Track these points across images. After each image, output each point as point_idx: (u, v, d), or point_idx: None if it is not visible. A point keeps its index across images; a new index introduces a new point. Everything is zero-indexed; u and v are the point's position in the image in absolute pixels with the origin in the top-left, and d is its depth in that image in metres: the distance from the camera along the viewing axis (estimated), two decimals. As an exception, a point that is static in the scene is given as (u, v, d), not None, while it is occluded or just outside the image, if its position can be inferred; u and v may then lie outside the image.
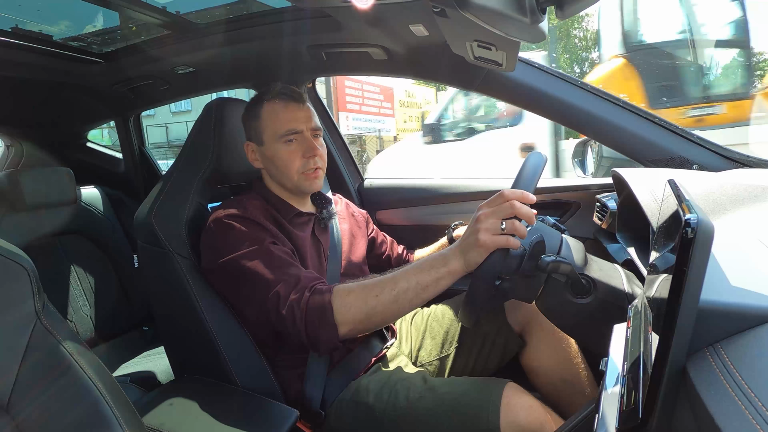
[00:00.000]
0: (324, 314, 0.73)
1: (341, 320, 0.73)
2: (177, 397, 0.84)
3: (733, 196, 0.72)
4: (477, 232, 0.67)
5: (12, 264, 0.53)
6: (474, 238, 0.67)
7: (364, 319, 0.73)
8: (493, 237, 0.66)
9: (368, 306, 0.72)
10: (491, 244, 0.66)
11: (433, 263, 0.72)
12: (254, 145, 0.94)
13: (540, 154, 0.79)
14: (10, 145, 1.67)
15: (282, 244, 0.85)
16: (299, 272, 0.79)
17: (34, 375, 0.51)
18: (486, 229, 0.67)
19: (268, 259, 0.80)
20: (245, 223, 0.84)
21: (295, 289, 0.76)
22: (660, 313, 0.38)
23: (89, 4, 0.98)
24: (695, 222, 0.33)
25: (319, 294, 0.74)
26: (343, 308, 0.73)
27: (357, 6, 0.75)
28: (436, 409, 0.80)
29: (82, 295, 1.43)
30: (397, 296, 0.72)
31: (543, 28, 0.60)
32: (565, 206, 1.29)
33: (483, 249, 0.67)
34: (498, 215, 0.67)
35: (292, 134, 0.90)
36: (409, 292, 0.71)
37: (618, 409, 0.43)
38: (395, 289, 0.72)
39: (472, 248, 0.68)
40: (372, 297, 0.72)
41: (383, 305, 0.72)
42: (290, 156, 0.91)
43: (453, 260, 0.70)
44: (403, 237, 1.29)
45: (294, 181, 0.93)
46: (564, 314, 0.75)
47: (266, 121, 0.91)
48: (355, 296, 0.73)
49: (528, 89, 1.10)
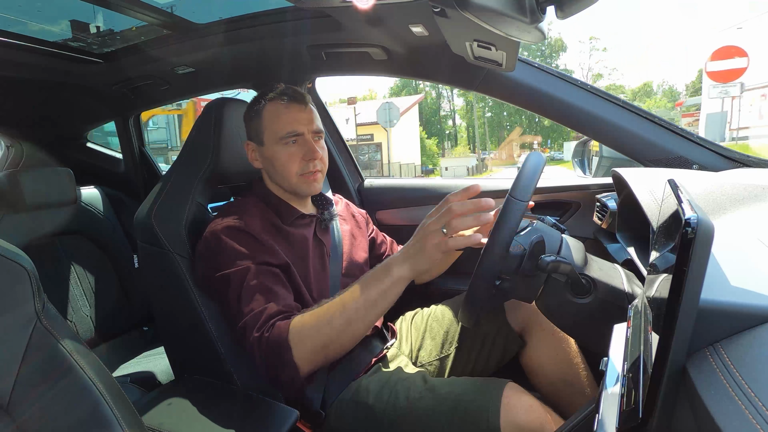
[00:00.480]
0: (282, 354, 0.71)
1: (300, 357, 0.71)
2: (177, 397, 0.84)
3: (733, 195, 0.72)
4: (421, 239, 0.68)
5: (12, 264, 0.53)
6: (419, 245, 0.68)
7: (322, 349, 0.71)
8: (436, 243, 0.67)
9: (323, 335, 0.71)
10: (435, 251, 0.67)
11: (376, 275, 0.71)
12: (254, 145, 0.93)
13: (540, 155, 0.78)
14: (10, 145, 1.67)
15: (275, 257, 0.83)
16: (269, 303, 0.77)
17: (34, 375, 0.51)
18: (429, 235, 0.67)
19: (248, 285, 0.78)
20: (239, 237, 0.83)
21: (258, 326, 0.74)
22: (660, 313, 0.38)
23: (89, 4, 0.98)
24: (695, 222, 0.33)
25: (278, 331, 0.72)
26: (300, 344, 0.71)
27: (357, 6, 0.75)
28: (436, 409, 0.80)
29: (82, 295, 1.43)
30: (349, 319, 0.70)
31: (543, 28, 0.60)
32: (565, 206, 1.29)
33: (426, 254, 0.67)
34: (439, 220, 0.67)
35: (293, 136, 0.89)
36: (359, 311, 0.70)
37: (618, 409, 0.42)
38: (345, 311, 0.70)
39: (418, 254, 0.69)
40: (325, 325, 0.71)
41: (337, 331, 0.70)
42: (289, 158, 0.90)
43: (396, 268, 0.70)
44: (403, 237, 1.29)
45: (292, 183, 0.92)
46: (564, 314, 0.75)
47: (267, 122, 0.90)
48: (309, 328, 0.72)
49: (528, 89, 1.10)
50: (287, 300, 0.80)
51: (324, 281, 0.94)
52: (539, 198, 1.31)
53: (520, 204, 0.71)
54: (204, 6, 1.07)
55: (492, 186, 1.37)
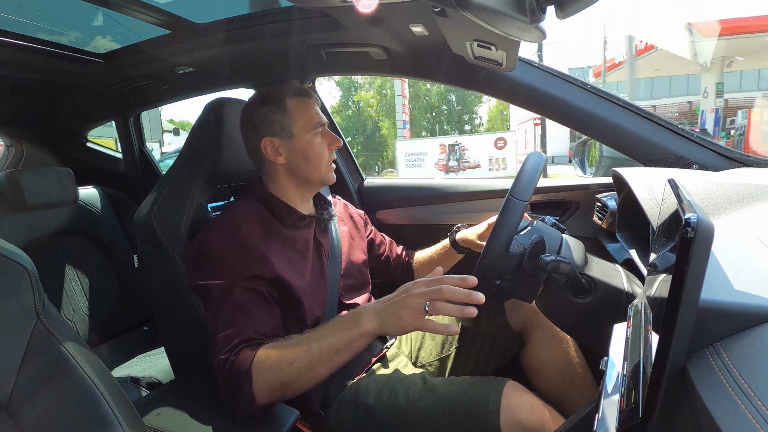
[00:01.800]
0: (242, 384, 0.70)
1: (258, 390, 0.70)
2: (177, 397, 0.84)
3: (732, 195, 0.72)
4: (400, 307, 0.66)
5: (12, 264, 0.53)
6: (395, 311, 0.66)
7: (280, 387, 0.70)
8: (413, 317, 0.65)
9: (282, 374, 0.69)
10: (408, 324, 0.65)
11: (345, 324, 0.69)
12: (278, 141, 0.91)
13: (539, 154, 0.78)
14: (10, 145, 1.67)
15: (266, 269, 0.81)
16: (244, 327, 0.75)
17: (34, 375, 0.51)
18: (410, 308, 0.65)
19: (228, 303, 0.77)
20: (231, 248, 0.81)
21: (226, 349, 0.73)
22: (660, 313, 0.38)
23: (89, 4, 0.97)
24: (695, 221, 0.33)
25: (243, 359, 0.71)
26: (260, 376, 0.70)
27: (359, 10, 0.75)
28: (435, 408, 0.80)
29: (83, 295, 1.43)
30: (310, 363, 0.68)
31: (543, 28, 0.60)
32: (565, 206, 1.29)
33: (399, 323, 0.66)
34: (426, 296, 0.65)
35: (320, 126, 0.94)
36: (322, 356, 0.68)
37: (618, 408, 0.42)
38: (309, 354, 0.69)
39: (390, 318, 0.67)
40: (286, 365, 0.69)
41: (298, 373, 0.69)
42: (322, 147, 0.94)
43: (365, 322, 0.68)
44: (403, 237, 1.29)
45: (321, 173, 0.95)
46: (564, 314, 0.75)
47: (296, 114, 0.92)
48: (271, 363, 0.70)
49: (528, 89, 1.10)
50: (264, 323, 0.77)
51: (322, 283, 0.94)
52: (539, 198, 1.31)
53: (520, 203, 0.71)
54: (204, 6, 1.06)
55: (492, 186, 1.38)
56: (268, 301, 0.81)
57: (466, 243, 1.09)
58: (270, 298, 0.81)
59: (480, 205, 1.38)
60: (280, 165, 0.93)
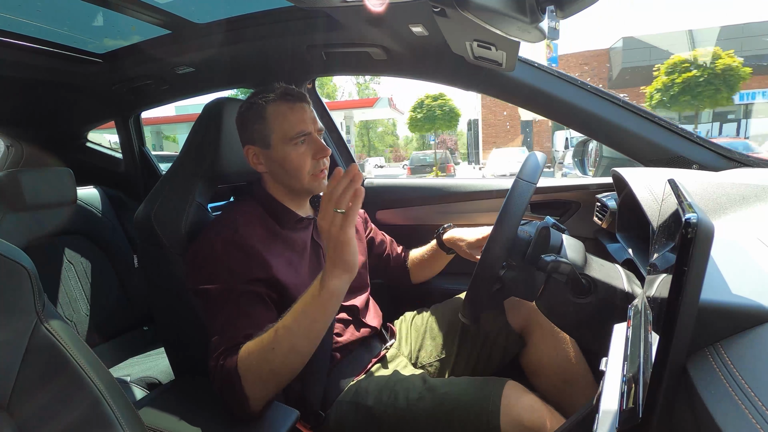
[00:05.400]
0: (233, 385, 0.70)
1: (250, 387, 0.69)
2: (177, 397, 0.84)
3: (732, 195, 0.72)
4: (327, 237, 0.65)
5: (12, 264, 0.53)
6: (330, 243, 0.65)
7: (272, 377, 0.70)
8: (338, 231, 0.64)
9: (268, 362, 0.68)
10: (345, 238, 0.64)
11: (312, 292, 0.68)
12: (257, 149, 0.90)
13: (539, 153, 0.80)
14: (10, 145, 1.67)
15: (264, 271, 0.81)
16: (238, 331, 0.75)
17: (34, 375, 0.51)
18: (329, 228, 0.64)
19: (225, 309, 0.77)
20: (231, 253, 0.80)
21: (215, 355, 0.73)
22: (660, 313, 0.38)
23: (89, 4, 0.97)
24: (695, 222, 0.33)
25: (230, 361, 0.71)
26: (248, 373, 0.69)
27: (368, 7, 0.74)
28: (435, 409, 0.80)
29: (82, 295, 1.43)
30: (291, 342, 0.68)
31: (543, 28, 0.60)
32: (565, 206, 1.29)
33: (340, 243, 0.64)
34: (325, 213, 0.64)
35: (302, 136, 0.87)
36: (301, 331, 0.68)
37: (618, 409, 0.42)
38: (288, 334, 0.68)
39: (335, 249, 0.65)
40: (269, 352, 0.68)
41: (283, 356, 0.68)
42: (301, 158, 0.88)
43: (326, 278, 0.66)
44: (403, 237, 1.29)
45: (304, 184, 0.90)
46: (564, 314, 0.75)
47: (274, 123, 0.87)
48: (254, 356, 0.69)
49: (528, 89, 1.10)
50: (261, 326, 0.76)
51: None
52: (539, 198, 1.31)
53: (528, 185, 0.71)
54: (204, 6, 1.06)
55: (491, 186, 1.38)
56: (266, 303, 0.80)
57: (453, 245, 1.08)
58: (268, 300, 0.81)
59: (480, 205, 1.38)
60: (264, 172, 0.92)
